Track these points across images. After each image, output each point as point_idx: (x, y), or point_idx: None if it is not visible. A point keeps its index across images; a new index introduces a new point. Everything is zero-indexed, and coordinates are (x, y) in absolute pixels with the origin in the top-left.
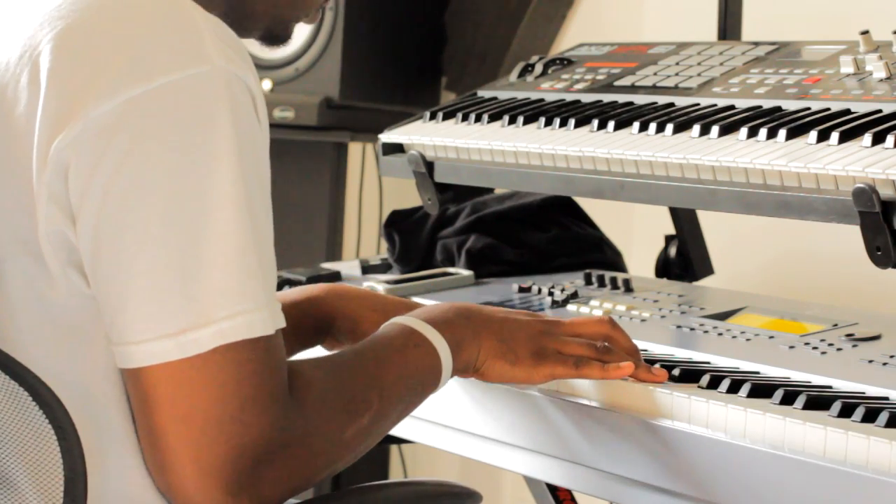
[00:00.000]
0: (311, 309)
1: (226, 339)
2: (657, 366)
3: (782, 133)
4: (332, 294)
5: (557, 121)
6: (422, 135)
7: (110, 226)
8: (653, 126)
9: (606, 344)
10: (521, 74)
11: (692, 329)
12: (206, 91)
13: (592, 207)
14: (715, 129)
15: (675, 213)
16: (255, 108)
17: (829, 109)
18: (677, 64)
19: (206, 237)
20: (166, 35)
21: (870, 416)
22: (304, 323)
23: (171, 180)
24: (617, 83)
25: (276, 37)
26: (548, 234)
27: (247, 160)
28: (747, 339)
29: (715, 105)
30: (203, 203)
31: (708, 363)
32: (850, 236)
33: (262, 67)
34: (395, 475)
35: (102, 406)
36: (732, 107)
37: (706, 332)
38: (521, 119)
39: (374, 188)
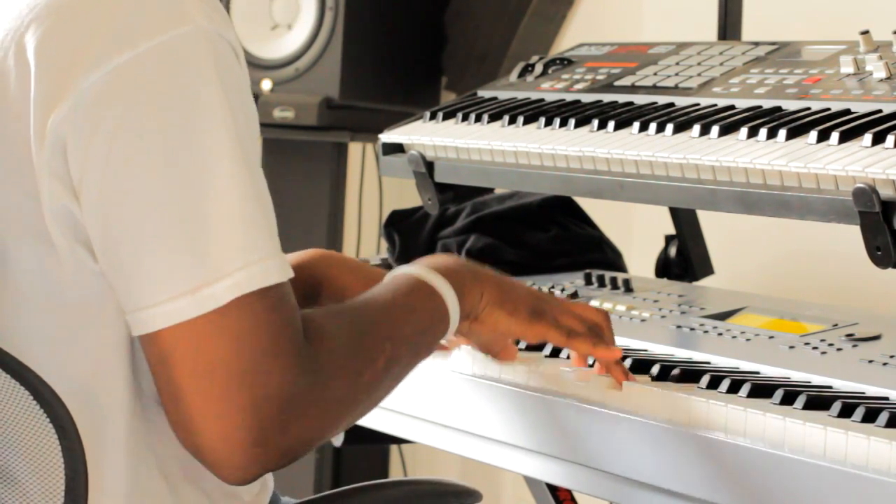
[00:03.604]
0: (300, 275)
1: (242, 290)
2: (655, 367)
3: (782, 133)
4: (322, 260)
5: (557, 121)
6: (422, 135)
7: (113, 194)
8: (653, 126)
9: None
10: (521, 74)
11: (692, 329)
12: (191, 51)
13: (592, 207)
14: (715, 129)
15: (675, 213)
16: (237, 60)
17: (829, 109)
18: (677, 64)
19: (209, 193)
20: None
21: (870, 416)
22: (295, 288)
23: (167, 142)
24: (617, 83)
25: None
26: (548, 234)
27: (237, 115)
28: (747, 339)
29: (715, 105)
30: (201, 160)
31: (708, 363)
32: (850, 236)
33: (262, 67)
34: (395, 475)
35: (102, 399)
36: (732, 107)
37: (706, 332)
38: (521, 119)
39: (374, 188)
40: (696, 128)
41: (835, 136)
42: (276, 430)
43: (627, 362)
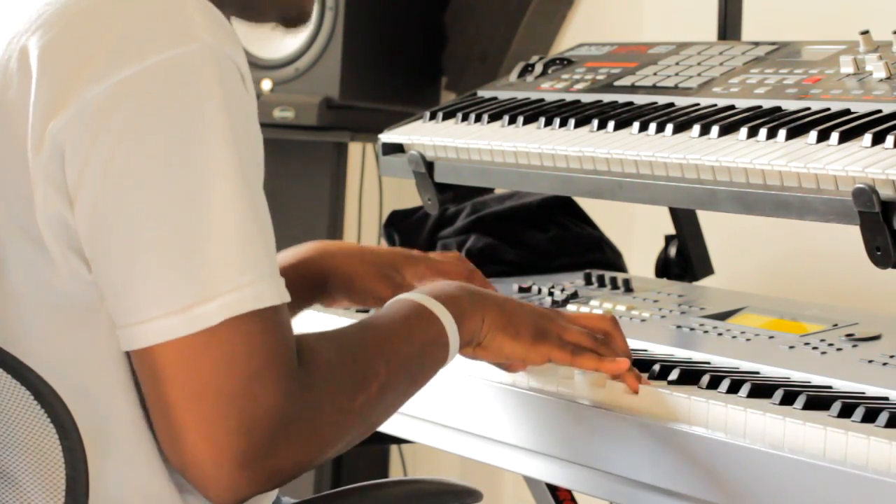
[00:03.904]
0: (303, 271)
1: (233, 311)
2: (655, 367)
3: (782, 133)
4: (323, 253)
5: (557, 121)
6: (422, 135)
7: (110, 207)
8: (653, 126)
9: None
10: (521, 74)
11: (692, 329)
12: (196, 69)
13: (592, 207)
14: (715, 129)
15: (675, 213)
16: (243, 83)
17: (829, 109)
18: (677, 64)
19: (206, 212)
20: (155, 14)
21: (870, 416)
22: (298, 285)
23: (167, 157)
24: (617, 83)
25: (293, 18)
26: (548, 234)
27: (239, 135)
28: (747, 339)
29: (715, 105)
30: (200, 179)
31: (708, 363)
32: (850, 236)
33: (262, 67)
34: (395, 475)
35: (104, 403)
36: (732, 107)
37: (706, 332)
38: (521, 119)
39: (374, 188)
40: (696, 128)
41: (835, 136)
42: (265, 453)
43: None
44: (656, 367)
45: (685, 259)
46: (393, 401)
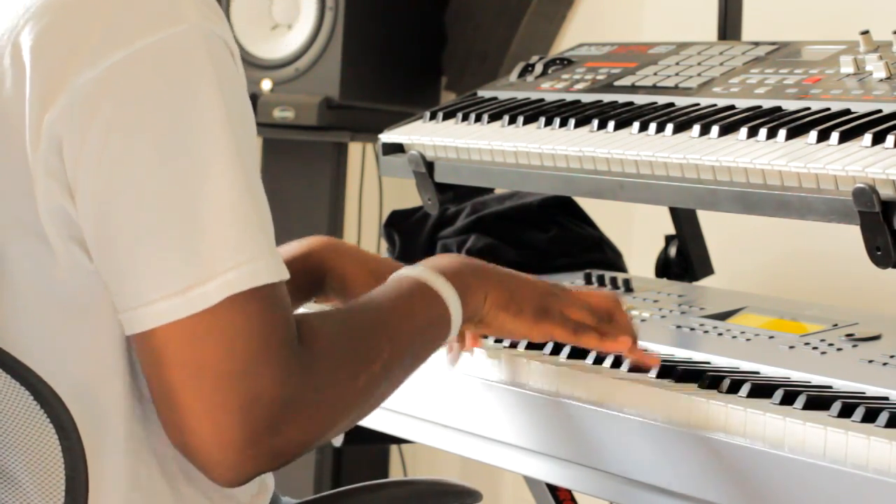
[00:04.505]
0: (305, 264)
1: (232, 289)
2: (655, 367)
3: (782, 133)
4: (326, 249)
5: (557, 121)
6: (422, 135)
7: (107, 192)
8: (653, 126)
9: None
10: (521, 74)
11: (692, 329)
12: (186, 49)
13: (592, 207)
14: (715, 129)
15: (675, 213)
16: (233, 60)
17: (829, 109)
18: (677, 64)
19: (202, 192)
20: None
21: (870, 416)
22: (299, 278)
23: (161, 140)
24: (617, 83)
25: None
26: (548, 234)
27: (233, 113)
28: (747, 339)
29: (715, 105)
30: (195, 159)
31: (708, 363)
32: (850, 236)
33: (262, 67)
34: (395, 475)
35: (100, 395)
36: (732, 107)
37: (706, 332)
38: (521, 119)
39: (374, 188)
40: (696, 128)
41: (835, 136)
42: (268, 432)
43: (626, 363)
44: (656, 367)
45: (685, 259)
46: (397, 378)
